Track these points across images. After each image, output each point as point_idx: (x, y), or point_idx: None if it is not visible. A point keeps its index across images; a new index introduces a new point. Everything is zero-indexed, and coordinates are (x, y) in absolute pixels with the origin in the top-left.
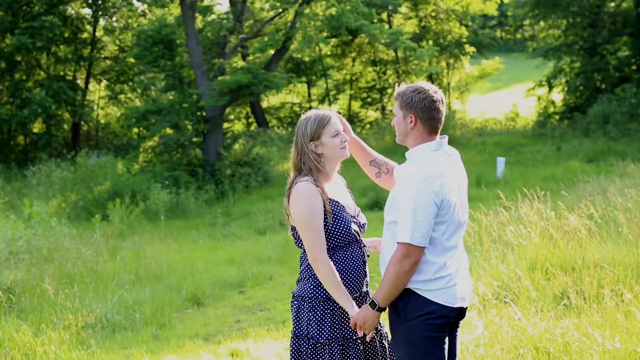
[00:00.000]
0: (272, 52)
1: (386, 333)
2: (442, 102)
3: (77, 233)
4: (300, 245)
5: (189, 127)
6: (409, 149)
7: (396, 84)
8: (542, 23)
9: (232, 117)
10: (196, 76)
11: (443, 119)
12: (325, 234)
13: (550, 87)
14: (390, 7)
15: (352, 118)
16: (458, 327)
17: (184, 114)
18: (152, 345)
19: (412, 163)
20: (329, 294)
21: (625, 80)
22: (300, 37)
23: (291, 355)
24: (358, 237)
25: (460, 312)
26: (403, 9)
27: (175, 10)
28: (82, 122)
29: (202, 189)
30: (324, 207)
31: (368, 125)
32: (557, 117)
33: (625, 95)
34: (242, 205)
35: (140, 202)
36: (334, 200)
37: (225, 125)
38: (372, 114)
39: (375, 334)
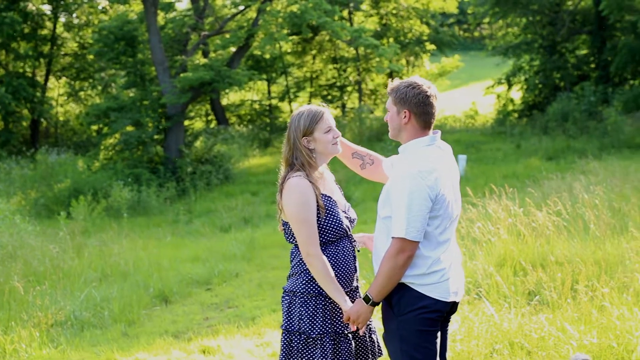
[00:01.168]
0: (234, 49)
1: (374, 327)
2: (436, 97)
3: (41, 230)
4: (291, 240)
5: (150, 124)
6: (401, 144)
7: (389, 79)
8: (501, 21)
9: (192, 114)
10: (158, 73)
11: (436, 113)
12: (318, 229)
13: (510, 85)
14: (351, 5)
15: None
16: (449, 321)
17: (146, 111)
18: (122, 343)
19: (406, 158)
20: (321, 288)
21: (584, 78)
22: (262, 34)
23: (282, 350)
24: (349, 232)
25: (453, 306)
26: (364, 6)
27: (137, 7)
28: (42, 119)
29: (163, 186)
30: (317, 202)
31: None
32: (516, 115)
33: (584, 94)
34: (204, 202)
35: (102, 199)
36: (326, 195)
37: (187, 122)
38: (332, 112)
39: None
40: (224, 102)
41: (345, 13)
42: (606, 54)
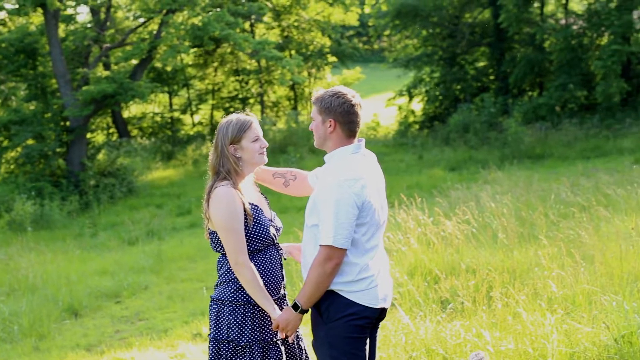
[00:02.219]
0: (135, 61)
1: (302, 334)
2: (360, 106)
3: None
4: (218, 249)
5: (52, 137)
6: (327, 153)
7: (314, 89)
8: (399, 34)
9: (94, 127)
10: (59, 86)
11: (361, 122)
12: (245, 238)
13: (411, 97)
14: (253, 17)
15: (214, 128)
16: (378, 327)
17: (47, 124)
18: (33, 357)
19: (332, 166)
20: (249, 297)
21: (484, 90)
22: (165, 46)
23: (210, 358)
24: (275, 241)
25: (382, 313)
26: (265, 18)
27: (37, 19)
28: None
29: (66, 199)
30: (245, 210)
31: None
32: (417, 126)
33: (484, 105)
34: (108, 216)
35: (4, 213)
36: (253, 204)
37: (89, 135)
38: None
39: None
40: (126, 114)
41: (247, 25)
42: (505, 66)
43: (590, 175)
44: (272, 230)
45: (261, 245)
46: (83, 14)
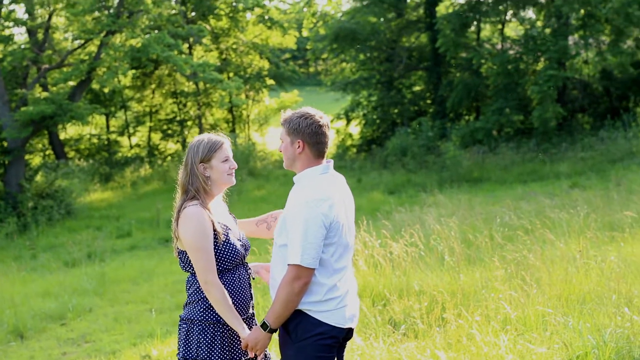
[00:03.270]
0: (74, 82)
1: (270, 354)
2: (328, 127)
3: None
4: (187, 269)
5: None
6: (296, 174)
7: (282, 110)
8: (336, 58)
9: (31, 148)
10: None
11: (329, 143)
12: (215, 257)
13: (348, 120)
14: (192, 39)
15: (152, 150)
16: (345, 347)
17: None
18: None
19: (301, 187)
20: (218, 316)
21: (421, 113)
22: (104, 68)
23: None
24: (244, 260)
25: (349, 332)
26: (204, 40)
27: None
28: None
29: (4, 221)
30: (214, 229)
31: (169, 158)
32: (355, 149)
33: (422, 129)
34: (47, 238)
35: None
36: (222, 223)
37: (27, 157)
38: (172, 147)
39: None
40: (62, 136)
41: (185, 47)
42: (442, 90)
43: (529, 199)
44: (241, 250)
45: (230, 264)
46: (20, 35)
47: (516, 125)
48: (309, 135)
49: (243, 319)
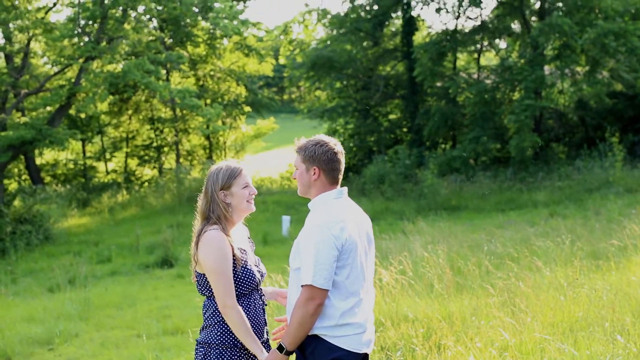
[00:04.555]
0: (51, 108)
1: None
2: (342, 154)
3: None
4: (204, 292)
5: None
6: (311, 200)
7: (295, 138)
8: (312, 86)
9: (9, 173)
10: None
11: (343, 169)
12: (233, 281)
13: None
14: (169, 65)
15: (128, 176)
16: None
17: None
18: None
19: (315, 211)
20: (236, 340)
21: (397, 142)
22: (84, 93)
23: None
24: (259, 286)
25: (365, 358)
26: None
27: None
28: None
29: None
30: (234, 255)
31: (146, 184)
32: None
33: (399, 157)
34: (26, 263)
35: None
36: (241, 248)
37: (5, 181)
38: (149, 172)
39: None
40: (38, 161)
41: (162, 73)
42: (419, 119)
43: (509, 227)
44: (257, 276)
45: (246, 289)
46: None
47: (492, 154)
48: (325, 162)
49: None
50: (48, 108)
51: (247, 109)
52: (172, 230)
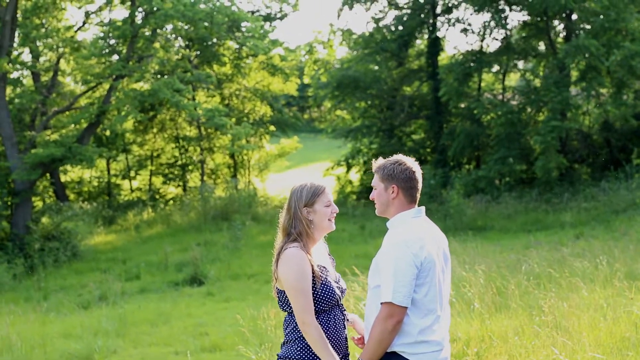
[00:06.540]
0: (78, 125)
1: None
2: (420, 173)
3: None
4: (284, 308)
5: None
6: (389, 219)
7: (373, 159)
8: (336, 105)
9: (36, 190)
10: (6, 148)
11: (420, 188)
12: (312, 298)
13: (349, 167)
14: (197, 84)
15: (153, 194)
16: None
17: None
18: None
19: (394, 230)
20: (315, 355)
21: (421, 162)
22: (115, 111)
23: None
24: (340, 302)
25: None
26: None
27: None
28: None
29: (11, 262)
30: (313, 272)
31: (171, 202)
32: (354, 196)
33: (424, 177)
34: (55, 280)
35: None
36: (321, 265)
37: (34, 198)
38: (173, 190)
39: None
40: (63, 178)
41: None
42: (444, 139)
43: (536, 248)
44: (337, 292)
45: (326, 305)
46: (22, 78)
47: (517, 175)
48: (403, 181)
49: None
50: (76, 126)
51: (272, 128)
52: (200, 248)
